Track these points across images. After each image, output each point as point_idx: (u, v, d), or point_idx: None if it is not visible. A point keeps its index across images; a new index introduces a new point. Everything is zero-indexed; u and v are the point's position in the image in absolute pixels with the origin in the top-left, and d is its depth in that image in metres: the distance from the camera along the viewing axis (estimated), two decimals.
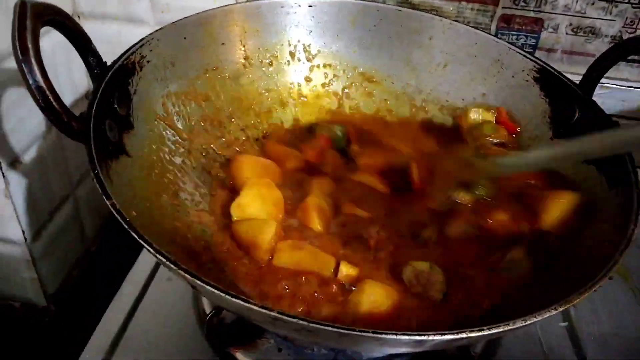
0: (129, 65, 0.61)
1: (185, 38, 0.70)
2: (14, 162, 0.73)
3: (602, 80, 0.87)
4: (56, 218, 0.86)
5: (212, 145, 0.72)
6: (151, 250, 0.41)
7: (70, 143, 0.50)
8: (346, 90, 0.82)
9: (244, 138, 0.76)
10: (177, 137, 0.68)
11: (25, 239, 0.77)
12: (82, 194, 0.91)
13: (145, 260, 0.73)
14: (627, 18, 0.83)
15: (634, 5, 0.82)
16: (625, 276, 0.77)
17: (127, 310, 0.66)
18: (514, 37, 0.87)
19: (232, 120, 0.76)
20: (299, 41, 0.80)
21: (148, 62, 0.64)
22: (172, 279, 0.69)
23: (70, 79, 0.84)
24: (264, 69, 0.79)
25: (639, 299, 0.75)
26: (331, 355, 0.60)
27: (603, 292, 0.74)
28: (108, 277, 0.75)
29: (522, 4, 0.85)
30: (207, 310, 0.63)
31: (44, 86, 0.47)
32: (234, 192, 0.66)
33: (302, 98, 0.81)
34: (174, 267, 0.40)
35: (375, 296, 0.54)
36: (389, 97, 0.81)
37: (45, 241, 0.83)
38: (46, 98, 0.48)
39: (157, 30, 0.67)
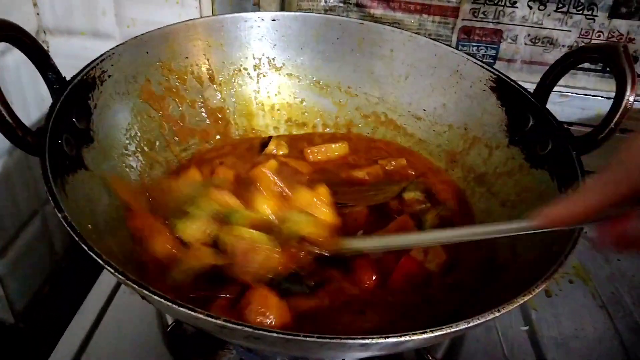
0: (88, 80, 0.62)
1: (147, 52, 0.71)
2: None
3: (561, 89, 0.90)
4: (23, 235, 0.85)
5: (174, 158, 0.72)
6: (100, 260, 0.42)
7: (37, 159, 0.51)
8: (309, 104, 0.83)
9: (209, 148, 0.76)
10: (139, 151, 0.68)
11: None
12: (51, 210, 0.89)
13: (109, 274, 0.73)
14: (581, 29, 0.86)
15: (587, 16, 0.84)
16: (585, 279, 0.79)
17: (90, 324, 0.66)
18: (475, 48, 0.90)
19: (197, 132, 0.76)
20: (263, 54, 0.81)
21: (109, 76, 0.65)
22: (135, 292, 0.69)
23: (37, 95, 0.85)
24: (228, 82, 0.80)
25: (599, 301, 0.76)
26: None
27: (564, 296, 0.76)
28: (78, 293, 0.75)
29: (482, 15, 0.87)
30: (169, 322, 0.63)
31: None
32: None
33: (267, 110, 0.82)
34: (122, 278, 0.41)
35: None
36: (352, 109, 0.83)
37: (12, 258, 0.82)
38: None
39: (118, 45, 0.68)
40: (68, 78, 0.59)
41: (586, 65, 0.88)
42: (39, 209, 0.89)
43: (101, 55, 0.65)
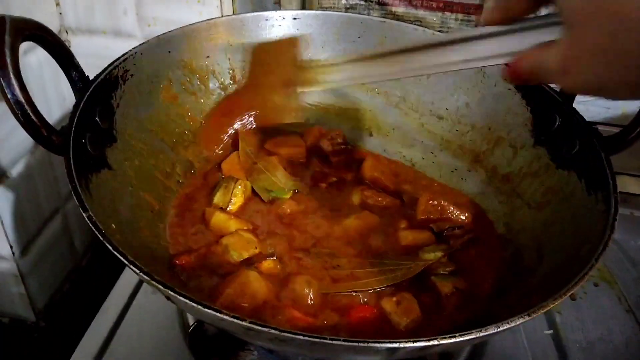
0: (111, 79, 0.62)
1: (169, 52, 0.71)
2: (1, 176, 0.73)
3: None
4: (45, 233, 0.86)
5: (197, 157, 0.73)
6: (125, 260, 0.42)
7: (59, 157, 0.51)
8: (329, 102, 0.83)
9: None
10: (162, 151, 0.69)
11: (13, 253, 0.77)
12: (72, 208, 0.91)
13: (131, 273, 0.73)
14: None
15: None
16: (611, 282, 0.77)
17: (112, 323, 0.66)
18: None
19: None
20: None
21: (132, 75, 0.65)
22: (157, 292, 0.69)
23: (59, 93, 0.85)
24: None
25: (625, 305, 0.74)
26: None
27: (589, 299, 0.74)
28: (99, 291, 0.75)
29: None
30: (191, 322, 0.63)
31: (23, 100, 0.48)
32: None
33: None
34: (147, 278, 0.40)
35: None
36: (374, 108, 0.82)
37: (33, 256, 0.83)
38: (25, 112, 0.49)
39: (141, 44, 0.68)
40: (90, 77, 0.59)
41: None
42: (60, 207, 0.90)
43: (123, 55, 0.65)
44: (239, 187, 0.68)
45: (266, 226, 0.66)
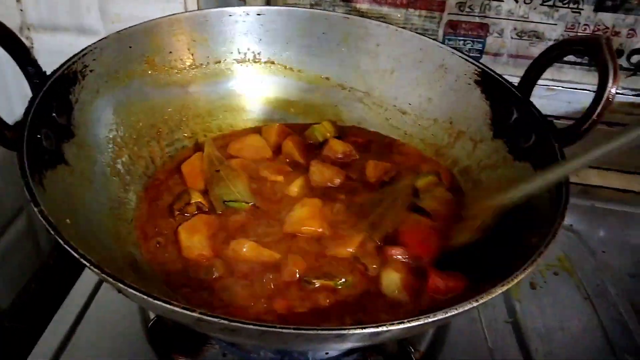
0: (69, 75, 0.61)
1: (130, 47, 0.70)
2: None
3: (548, 82, 0.90)
4: (9, 232, 0.85)
5: (158, 153, 0.72)
6: (75, 254, 0.42)
7: None
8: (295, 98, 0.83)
9: (192, 145, 0.77)
10: (122, 147, 0.68)
11: None
12: None
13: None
14: (567, 22, 0.86)
15: (573, 10, 0.85)
16: (570, 272, 0.79)
17: (72, 319, 0.66)
18: (461, 42, 0.90)
19: (181, 127, 0.76)
20: (248, 49, 0.81)
21: (91, 71, 0.64)
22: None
23: (21, 90, 0.84)
24: (213, 77, 0.79)
25: (584, 293, 0.76)
26: (277, 358, 0.60)
27: (549, 288, 0.76)
28: (65, 291, 0.74)
29: (467, 9, 0.87)
30: (152, 317, 0.63)
31: None
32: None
33: (252, 104, 0.82)
34: (97, 271, 0.40)
35: None
36: (338, 103, 0.82)
37: None
38: None
39: (100, 40, 0.67)
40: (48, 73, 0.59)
41: (572, 58, 0.88)
42: (24, 207, 0.89)
43: (83, 50, 0.64)
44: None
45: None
